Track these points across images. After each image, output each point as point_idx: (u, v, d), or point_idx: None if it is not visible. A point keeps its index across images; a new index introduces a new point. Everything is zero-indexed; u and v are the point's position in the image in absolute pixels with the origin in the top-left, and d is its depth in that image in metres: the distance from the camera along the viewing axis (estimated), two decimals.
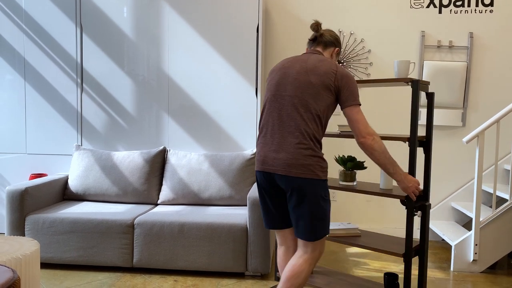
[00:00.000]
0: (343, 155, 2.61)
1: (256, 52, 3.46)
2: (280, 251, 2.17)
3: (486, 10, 3.72)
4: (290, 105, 1.92)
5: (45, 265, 3.06)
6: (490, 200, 3.68)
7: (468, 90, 3.76)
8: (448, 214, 3.84)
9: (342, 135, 2.49)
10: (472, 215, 3.24)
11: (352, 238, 2.56)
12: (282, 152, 1.90)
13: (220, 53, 3.50)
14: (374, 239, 2.53)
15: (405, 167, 3.71)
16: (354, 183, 2.56)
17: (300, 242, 2.00)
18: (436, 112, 3.79)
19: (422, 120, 3.80)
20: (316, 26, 2.10)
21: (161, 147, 3.48)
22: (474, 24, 3.74)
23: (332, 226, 2.65)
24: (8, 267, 1.35)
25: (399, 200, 3.91)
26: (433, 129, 2.93)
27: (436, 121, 3.80)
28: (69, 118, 3.63)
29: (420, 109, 3.79)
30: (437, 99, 3.76)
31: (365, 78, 3.85)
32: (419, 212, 2.38)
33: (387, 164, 1.95)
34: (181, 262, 2.89)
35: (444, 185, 3.87)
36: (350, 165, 2.55)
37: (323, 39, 2.11)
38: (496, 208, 3.13)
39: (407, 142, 2.29)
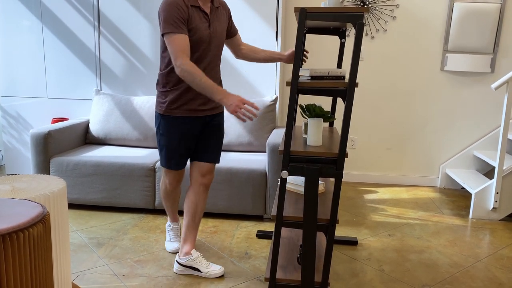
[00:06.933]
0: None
1: None
2: None
3: None
4: None
5: (71, 205, 3.18)
6: None
7: (499, 34, 3.57)
8: (470, 162, 3.78)
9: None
10: (495, 163, 3.19)
11: None
12: None
13: None
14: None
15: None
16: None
17: None
18: (463, 57, 3.63)
19: (449, 66, 3.66)
20: None
21: None
22: None
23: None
24: (37, 203, 1.38)
25: (419, 147, 3.86)
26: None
27: (462, 67, 3.65)
28: (88, 62, 3.61)
29: (447, 54, 3.64)
30: (464, 44, 3.58)
31: (390, 21, 3.68)
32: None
33: (201, 90, 1.94)
34: None
35: (467, 133, 3.78)
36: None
37: None
38: None
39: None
